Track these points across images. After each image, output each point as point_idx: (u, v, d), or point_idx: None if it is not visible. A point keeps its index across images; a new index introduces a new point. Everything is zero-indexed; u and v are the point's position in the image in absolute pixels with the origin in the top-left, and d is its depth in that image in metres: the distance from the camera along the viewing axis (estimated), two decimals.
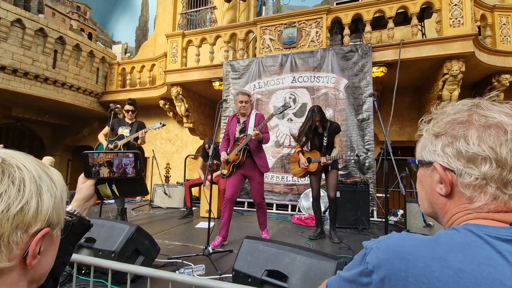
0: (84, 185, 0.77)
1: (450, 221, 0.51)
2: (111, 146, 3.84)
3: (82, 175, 0.77)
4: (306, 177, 3.52)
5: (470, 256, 0.41)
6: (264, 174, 5.21)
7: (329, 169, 3.25)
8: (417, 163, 0.57)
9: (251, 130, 2.99)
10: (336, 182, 3.25)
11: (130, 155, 0.75)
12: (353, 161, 3.15)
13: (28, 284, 0.43)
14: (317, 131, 3.29)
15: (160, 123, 3.76)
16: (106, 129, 4.03)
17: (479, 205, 0.47)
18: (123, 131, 3.93)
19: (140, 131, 3.73)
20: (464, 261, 0.40)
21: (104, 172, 0.76)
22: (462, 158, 0.47)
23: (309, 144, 3.41)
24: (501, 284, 0.38)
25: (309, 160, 3.28)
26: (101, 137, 4.02)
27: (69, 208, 0.75)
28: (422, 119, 0.57)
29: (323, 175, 3.38)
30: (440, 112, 0.54)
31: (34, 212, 0.40)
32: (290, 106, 2.82)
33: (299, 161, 3.33)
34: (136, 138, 3.81)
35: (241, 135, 3.06)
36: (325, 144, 3.22)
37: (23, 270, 0.41)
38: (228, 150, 3.08)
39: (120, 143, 3.83)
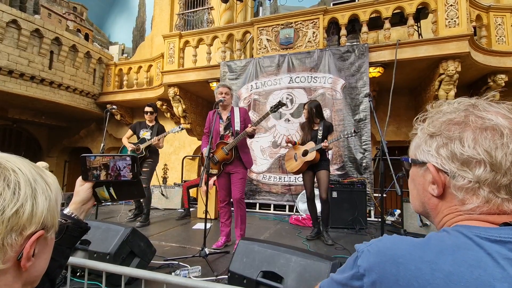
0: (82, 188, 0.77)
1: (442, 222, 0.51)
2: (135, 147, 3.96)
3: (80, 178, 0.77)
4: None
5: (460, 259, 0.40)
6: (262, 174, 5.29)
7: (319, 169, 3.22)
8: (410, 162, 0.56)
9: (237, 126, 2.90)
10: (328, 182, 3.24)
11: (127, 158, 0.75)
12: (350, 137, 3.09)
13: (22, 286, 0.43)
14: (312, 127, 3.33)
15: (179, 127, 3.86)
16: (130, 132, 4.18)
17: (471, 207, 0.46)
18: (144, 134, 4.04)
19: (158, 136, 3.87)
20: (454, 264, 0.40)
21: (101, 175, 0.76)
22: (457, 160, 0.46)
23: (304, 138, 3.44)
24: (490, 286, 0.37)
25: (305, 152, 3.25)
26: (124, 140, 4.13)
27: (66, 210, 0.75)
28: (417, 118, 0.56)
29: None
30: (436, 111, 0.53)
31: (29, 214, 0.41)
32: (286, 104, 2.80)
33: (292, 147, 3.38)
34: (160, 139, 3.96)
35: (226, 132, 2.97)
36: (319, 137, 3.22)
37: (17, 272, 0.41)
38: (213, 149, 2.97)
39: (142, 146, 3.95)
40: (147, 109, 4.11)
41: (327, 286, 0.54)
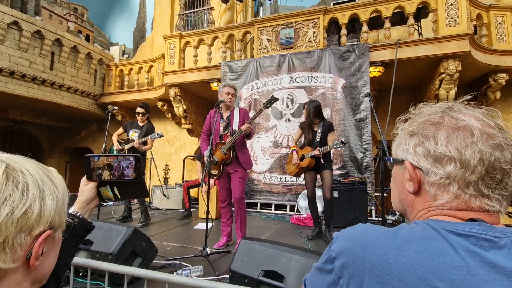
0: (86, 187, 0.78)
1: (416, 218, 0.54)
2: (120, 147, 3.96)
3: (84, 177, 0.79)
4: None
5: (423, 247, 0.43)
6: (263, 174, 5.30)
7: (323, 169, 3.24)
8: (391, 161, 0.59)
9: (236, 126, 2.91)
10: (331, 182, 3.26)
11: (131, 158, 0.77)
12: (339, 148, 3.14)
13: (31, 285, 0.44)
14: (312, 127, 3.34)
15: (158, 134, 3.82)
16: (120, 130, 4.16)
17: (441, 203, 0.49)
18: (133, 134, 4.03)
19: (139, 140, 3.84)
20: (417, 251, 0.43)
21: (105, 175, 0.77)
22: (430, 157, 0.49)
23: (303, 140, 3.46)
24: (447, 272, 0.40)
25: (302, 157, 3.30)
26: (114, 137, 4.13)
27: (71, 210, 0.76)
28: (399, 118, 0.59)
29: (318, 176, 3.39)
30: (417, 112, 0.56)
31: (37, 215, 0.42)
32: (278, 99, 2.83)
33: (292, 159, 3.41)
34: (145, 143, 3.91)
35: (225, 132, 2.97)
36: (318, 140, 3.24)
37: (26, 271, 0.43)
38: (213, 150, 2.94)
39: (126, 147, 3.94)
40: (139, 110, 4.10)
41: (310, 275, 0.58)
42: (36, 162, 0.47)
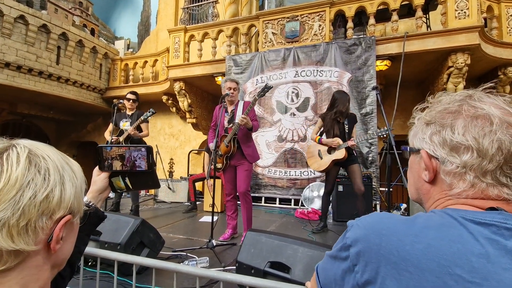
0: (99, 177, 0.80)
1: (432, 206, 0.53)
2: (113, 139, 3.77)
3: (97, 168, 0.80)
4: (312, 173, 3.52)
5: (441, 234, 0.43)
6: (268, 168, 5.31)
7: (352, 163, 3.18)
8: (408, 150, 0.59)
9: (239, 119, 2.92)
10: (362, 175, 3.23)
11: (143, 149, 0.78)
12: (384, 135, 3.01)
13: (51, 268, 0.46)
14: (338, 120, 3.24)
15: (150, 111, 3.60)
16: (111, 126, 3.95)
17: (457, 191, 0.48)
18: (124, 125, 3.85)
19: (133, 125, 3.63)
20: (435, 238, 0.42)
21: (117, 165, 0.78)
22: (447, 146, 0.49)
23: (325, 135, 3.35)
24: (467, 260, 0.40)
25: (330, 151, 3.24)
26: (107, 135, 3.96)
27: (84, 199, 0.77)
28: (417, 107, 0.58)
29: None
30: (436, 101, 0.55)
31: (58, 199, 0.43)
32: (271, 87, 2.80)
33: (327, 145, 3.25)
34: (139, 128, 3.72)
35: (230, 125, 2.97)
36: (347, 131, 3.19)
37: (47, 254, 0.44)
38: (218, 143, 2.94)
39: (121, 138, 3.73)
40: (131, 96, 3.93)
41: (322, 263, 0.58)
42: (56, 149, 0.48)
